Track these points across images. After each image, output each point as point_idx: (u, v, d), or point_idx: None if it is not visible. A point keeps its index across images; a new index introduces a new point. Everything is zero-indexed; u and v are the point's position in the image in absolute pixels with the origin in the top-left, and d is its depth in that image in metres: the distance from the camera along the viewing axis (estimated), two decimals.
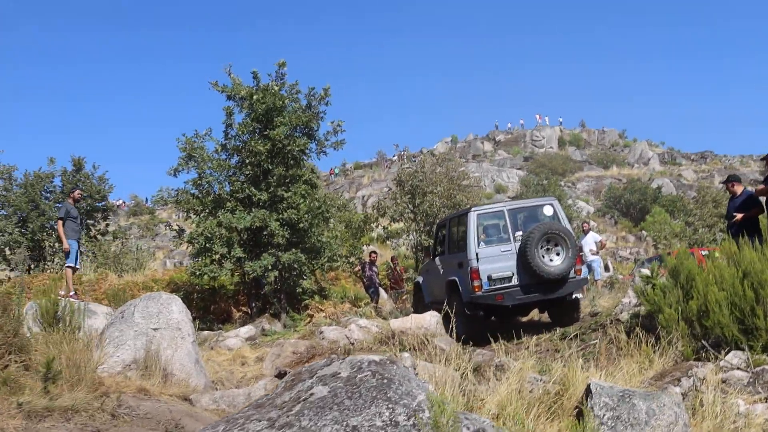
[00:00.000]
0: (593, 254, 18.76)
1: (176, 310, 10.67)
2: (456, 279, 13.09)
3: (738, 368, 6.96)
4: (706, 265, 9.25)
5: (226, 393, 10.23)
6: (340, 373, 4.44)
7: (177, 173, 19.42)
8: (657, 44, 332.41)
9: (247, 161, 19.33)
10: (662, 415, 4.75)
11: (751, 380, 6.54)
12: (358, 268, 21.64)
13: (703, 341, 7.80)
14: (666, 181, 57.51)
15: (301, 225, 18.68)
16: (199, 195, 19.57)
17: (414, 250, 24.46)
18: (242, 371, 12.76)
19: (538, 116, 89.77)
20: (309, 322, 17.85)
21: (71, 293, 13.54)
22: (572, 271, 12.88)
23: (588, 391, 4.95)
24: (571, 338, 11.43)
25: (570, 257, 12.66)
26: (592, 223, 31.20)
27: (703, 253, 19.26)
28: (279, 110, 19.18)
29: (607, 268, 26.70)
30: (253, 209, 18.69)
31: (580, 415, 4.96)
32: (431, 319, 13.39)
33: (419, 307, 15.28)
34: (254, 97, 19.11)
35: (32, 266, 31.44)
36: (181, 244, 20.76)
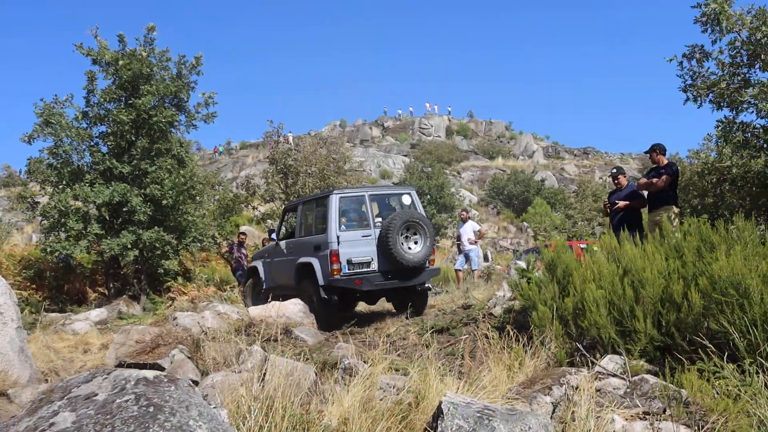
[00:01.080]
0: (471, 243, 18.14)
1: None
2: (311, 262, 12.64)
3: (614, 375, 6.31)
4: (585, 259, 8.67)
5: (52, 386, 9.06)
6: (97, 395, 3.40)
7: (32, 140, 17.88)
8: (546, 34, 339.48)
9: (110, 131, 17.93)
10: None
11: (628, 390, 5.88)
12: (226, 249, 20.41)
13: (577, 343, 7.15)
14: (549, 174, 58.20)
15: (165, 202, 17.44)
16: (57, 165, 18.03)
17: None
18: (83, 360, 11.56)
19: (427, 105, 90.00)
20: (170, 306, 16.64)
21: None
22: (427, 260, 12.90)
23: (439, 411, 4.10)
24: (441, 331, 10.76)
25: (428, 246, 12.72)
26: (472, 211, 30.89)
27: (582, 246, 19.02)
28: (146, 78, 17.89)
29: (486, 258, 26.33)
30: (114, 183, 17.32)
31: None
32: (294, 307, 12.51)
33: (254, 294, 14.91)
34: (120, 62, 17.73)
35: None
36: (34, 217, 19.11)
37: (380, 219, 12.87)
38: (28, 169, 17.98)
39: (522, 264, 10.25)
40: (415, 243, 12.57)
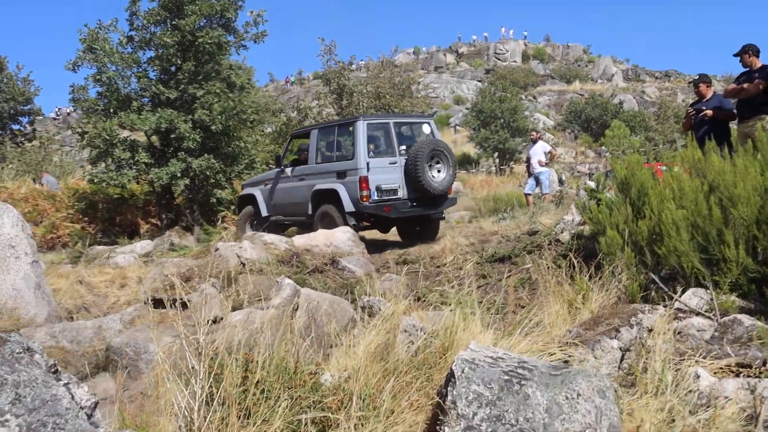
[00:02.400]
0: (542, 165, 16.76)
1: (8, 222, 8.59)
2: (335, 188, 12.39)
3: (698, 313, 5.09)
4: (664, 179, 7.36)
5: (69, 326, 8.26)
6: None
7: (76, 68, 17.12)
8: None
9: (155, 55, 17.02)
10: (574, 413, 2.81)
11: (716, 334, 4.66)
12: None
13: (653, 274, 5.89)
14: (629, 97, 55.54)
15: (214, 127, 16.50)
16: (105, 93, 17.25)
17: None
18: (117, 295, 10.78)
19: (502, 29, 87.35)
20: (221, 237, 15.86)
21: None
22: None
23: (451, 373, 2.97)
24: (501, 260, 9.65)
25: (451, 174, 12.82)
26: (547, 135, 29.31)
27: (662, 168, 17.46)
28: None
29: (560, 182, 24.89)
30: (161, 109, 16.45)
31: (441, 409, 3.02)
32: (342, 236, 11.53)
33: (249, 223, 14.59)
34: None
35: None
36: (83, 148, 18.43)
37: (403, 147, 12.74)
38: (72, 97, 17.24)
39: (591, 184, 9.00)
40: (438, 171, 12.53)
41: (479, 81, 64.44)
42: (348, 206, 12.16)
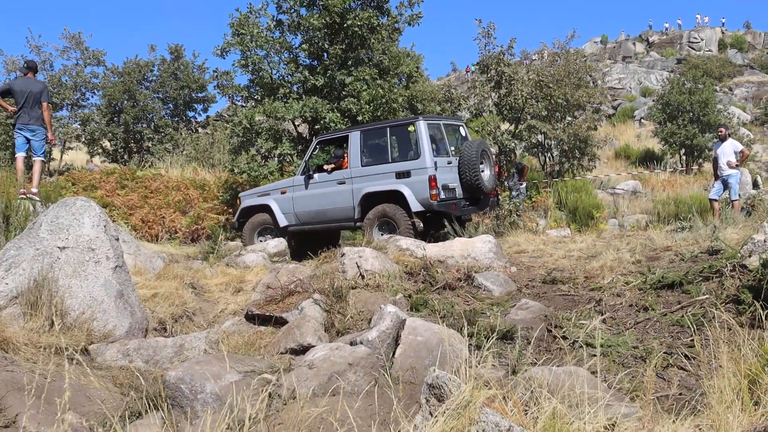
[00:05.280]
0: (731, 167, 14.31)
1: (88, 222, 7.60)
2: (398, 189, 12.29)
3: None
4: None
5: (146, 344, 7.18)
6: None
7: (224, 54, 16.45)
8: None
9: (302, 40, 16.01)
10: None
11: None
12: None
13: None
14: None
15: (360, 118, 15.28)
16: (255, 80, 16.47)
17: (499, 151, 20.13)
18: (227, 302, 9.70)
19: (698, 16, 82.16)
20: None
21: (33, 189, 10.87)
22: None
23: None
24: (671, 286, 7.85)
25: (493, 175, 13.14)
26: (742, 130, 26.26)
27: None
28: None
29: (755, 185, 22.05)
30: (306, 97, 15.43)
31: None
32: (483, 246, 10.03)
33: (259, 233, 14.26)
34: None
35: (128, 158, 29.95)
36: (231, 136, 17.75)
37: (453, 148, 12.99)
38: (217, 83, 16.57)
39: None
40: (482, 171, 12.69)
41: (670, 71, 60.49)
42: (415, 206, 12.07)
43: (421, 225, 12.19)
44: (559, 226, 15.33)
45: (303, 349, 6.70)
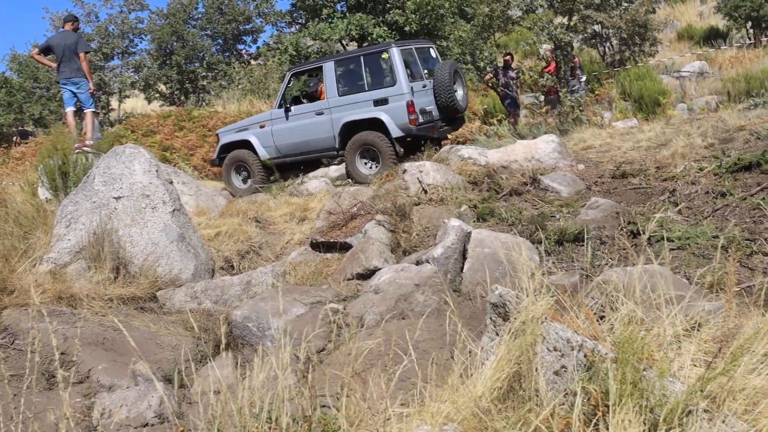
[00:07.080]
0: None
1: (139, 169, 7.51)
2: (377, 117, 12.22)
3: None
4: None
5: (212, 284, 7.13)
6: None
7: None
8: None
9: None
10: None
11: None
12: (489, 75, 17.24)
13: None
14: None
15: (408, 28, 14.78)
16: (297, 2, 16.07)
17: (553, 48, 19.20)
18: (294, 232, 9.55)
19: None
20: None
21: (87, 142, 10.82)
22: None
23: None
24: (748, 167, 7.43)
25: (466, 94, 13.35)
26: None
27: None
28: None
29: None
30: (351, 14, 14.99)
31: None
32: (546, 146, 9.64)
33: (237, 170, 13.97)
34: None
35: (185, 99, 29.98)
36: (281, 63, 17.38)
37: (425, 71, 13.03)
38: (258, 12, 16.18)
39: None
40: (456, 91, 12.71)
41: None
42: (395, 132, 12.05)
43: (402, 150, 12.23)
44: (625, 117, 14.71)
45: (369, 273, 6.54)
